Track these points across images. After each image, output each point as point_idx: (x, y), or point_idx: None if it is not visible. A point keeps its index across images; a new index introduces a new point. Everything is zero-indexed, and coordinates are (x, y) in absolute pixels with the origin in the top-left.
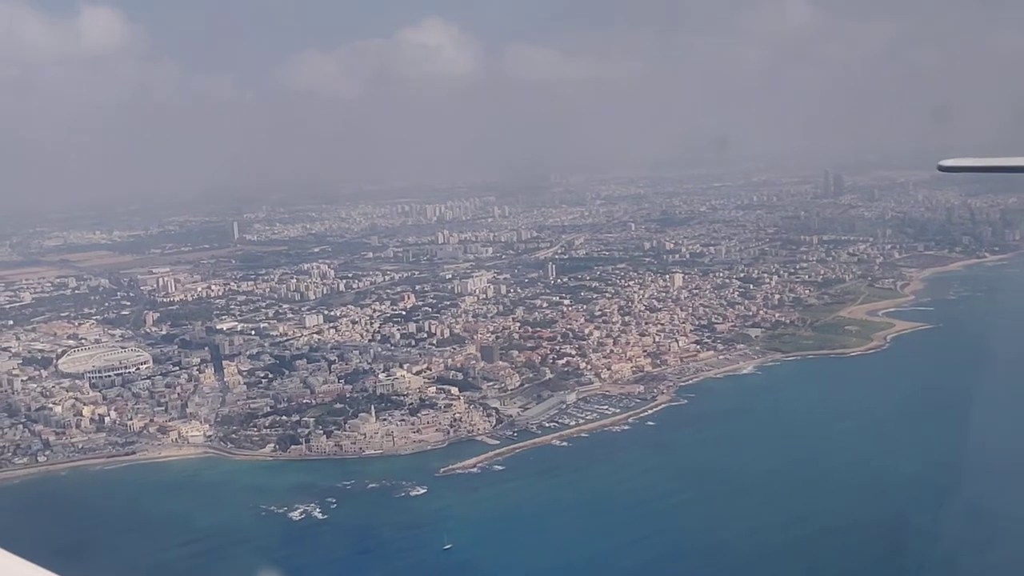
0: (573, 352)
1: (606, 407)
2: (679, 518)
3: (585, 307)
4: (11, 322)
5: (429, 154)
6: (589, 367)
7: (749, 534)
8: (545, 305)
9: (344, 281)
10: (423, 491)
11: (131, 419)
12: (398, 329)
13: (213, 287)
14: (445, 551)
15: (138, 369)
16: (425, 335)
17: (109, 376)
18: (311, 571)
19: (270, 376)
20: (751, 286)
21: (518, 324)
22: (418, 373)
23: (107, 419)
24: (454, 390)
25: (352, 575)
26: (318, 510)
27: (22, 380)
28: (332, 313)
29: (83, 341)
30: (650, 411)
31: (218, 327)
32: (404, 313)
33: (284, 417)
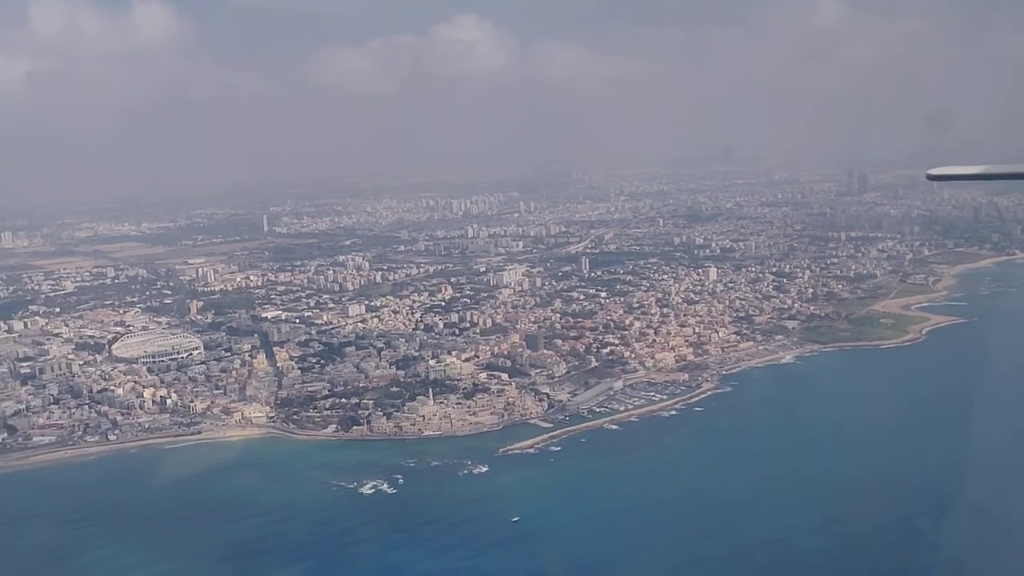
0: (616, 341)
1: (653, 393)
2: (731, 497)
3: (623, 299)
4: (58, 309)
5: (449, 150)
6: (633, 356)
7: (797, 511)
8: (582, 297)
9: (380, 273)
10: (485, 469)
11: (192, 401)
12: (440, 319)
13: (251, 277)
14: (513, 523)
15: (190, 355)
16: (468, 324)
17: (163, 361)
18: (389, 538)
19: (322, 362)
20: (784, 280)
21: (558, 315)
22: (467, 360)
23: (168, 401)
24: (504, 376)
25: (428, 543)
26: (386, 485)
27: (79, 364)
28: (373, 303)
29: (131, 328)
30: (697, 398)
31: (263, 315)
32: (443, 304)
33: (343, 399)
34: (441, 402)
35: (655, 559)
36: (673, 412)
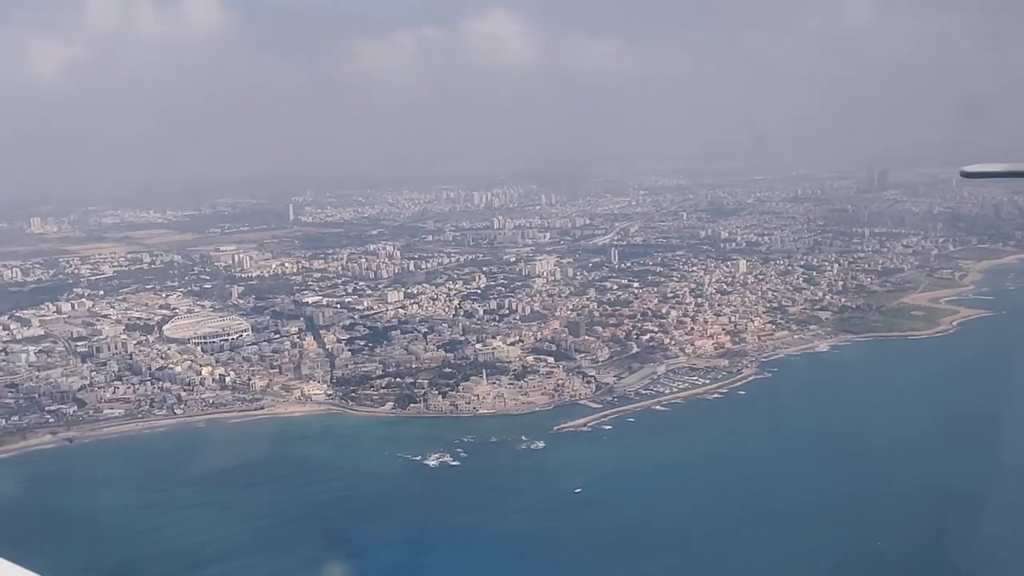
0: (655, 329)
1: (696, 378)
2: (781, 470)
3: (656, 289)
4: (102, 292)
5: (465, 143)
6: (673, 342)
7: (843, 482)
8: (615, 287)
9: (412, 262)
10: (542, 445)
11: (250, 379)
12: (479, 306)
13: (286, 264)
14: (576, 494)
15: (240, 336)
16: (507, 311)
17: (214, 342)
18: (459, 503)
19: (370, 344)
20: (813, 273)
21: (595, 303)
22: (511, 344)
23: (227, 379)
24: (550, 359)
25: (497, 508)
26: (449, 457)
27: (133, 344)
28: (410, 291)
29: (176, 311)
30: (739, 382)
31: (304, 300)
32: (479, 292)
33: (397, 379)
34: (493, 382)
35: (716, 524)
36: (717, 395)
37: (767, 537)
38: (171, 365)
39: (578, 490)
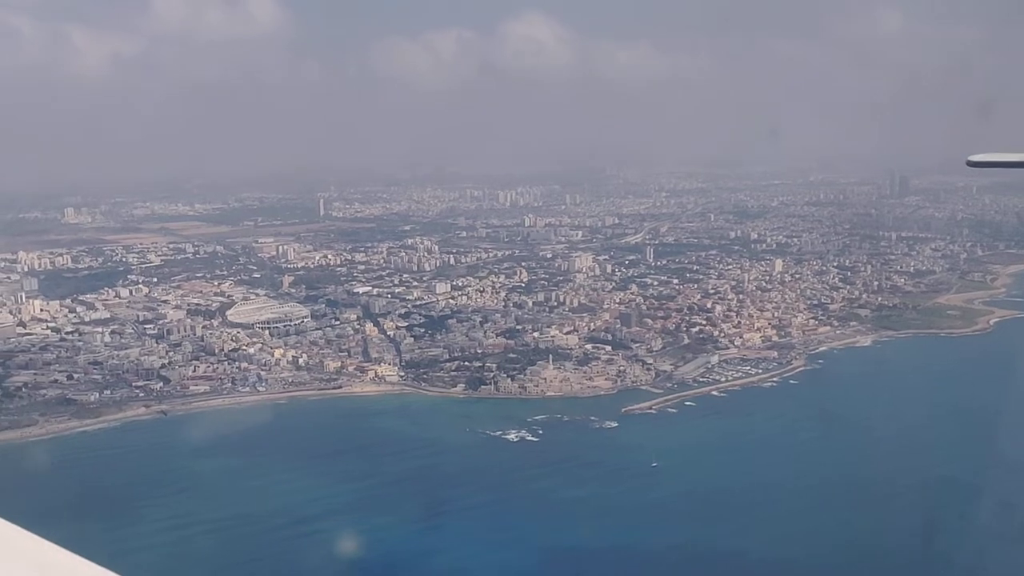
0: (703, 322)
1: (748, 368)
2: (839, 450)
3: (697, 286)
4: (155, 279)
5: (485, 143)
6: (722, 335)
7: (895, 457)
8: (656, 283)
9: (451, 256)
10: (615, 425)
11: (322, 361)
12: (527, 298)
13: (329, 256)
14: (653, 468)
15: (303, 322)
16: (555, 304)
17: (278, 327)
18: (543, 471)
19: (430, 331)
20: (848, 273)
21: (640, 298)
22: (567, 334)
23: (300, 360)
24: (608, 348)
25: (583, 476)
26: (527, 434)
27: (200, 327)
28: (456, 283)
29: (231, 298)
30: (790, 372)
31: (355, 291)
32: (524, 285)
33: (465, 363)
34: (558, 367)
35: (792, 488)
36: (771, 384)
37: (837, 507)
38: (243, 347)
39: (655, 463)
